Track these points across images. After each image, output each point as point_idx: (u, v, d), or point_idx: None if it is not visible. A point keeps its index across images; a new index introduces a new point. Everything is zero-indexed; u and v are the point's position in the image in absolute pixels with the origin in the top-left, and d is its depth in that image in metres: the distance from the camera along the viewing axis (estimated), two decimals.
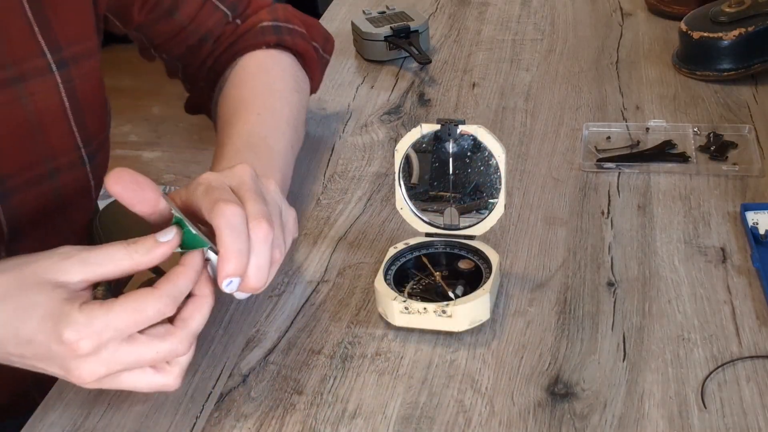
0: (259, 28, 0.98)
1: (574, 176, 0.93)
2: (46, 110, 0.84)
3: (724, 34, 1.07)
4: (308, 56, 1.01)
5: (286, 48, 1.00)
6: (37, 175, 0.85)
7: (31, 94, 0.83)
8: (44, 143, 0.85)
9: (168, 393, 0.70)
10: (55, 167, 0.87)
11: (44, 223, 0.88)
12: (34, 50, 0.83)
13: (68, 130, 0.86)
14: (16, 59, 0.82)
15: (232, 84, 0.95)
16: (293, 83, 0.98)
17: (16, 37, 0.81)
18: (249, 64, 0.97)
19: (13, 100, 0.82)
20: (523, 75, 1.15)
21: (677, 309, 0.75)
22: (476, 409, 0.67)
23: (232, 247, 0.64)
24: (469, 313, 0.73)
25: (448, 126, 0.77)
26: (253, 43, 0.98)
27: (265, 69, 0.97)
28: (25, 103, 0.83)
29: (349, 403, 0.69)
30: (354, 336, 0.75)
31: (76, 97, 0.86)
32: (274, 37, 0.98)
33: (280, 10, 1.01)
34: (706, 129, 0.98)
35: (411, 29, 1.21)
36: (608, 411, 0.66)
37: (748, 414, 0.65)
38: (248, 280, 0.66)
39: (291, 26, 1.00)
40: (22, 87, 0.82)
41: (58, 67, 0.84)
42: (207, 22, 0.97)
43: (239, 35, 0.98)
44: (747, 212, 0.84)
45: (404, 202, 0.80)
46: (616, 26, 1.27)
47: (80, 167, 0.89)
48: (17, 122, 0.83)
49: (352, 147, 1.03)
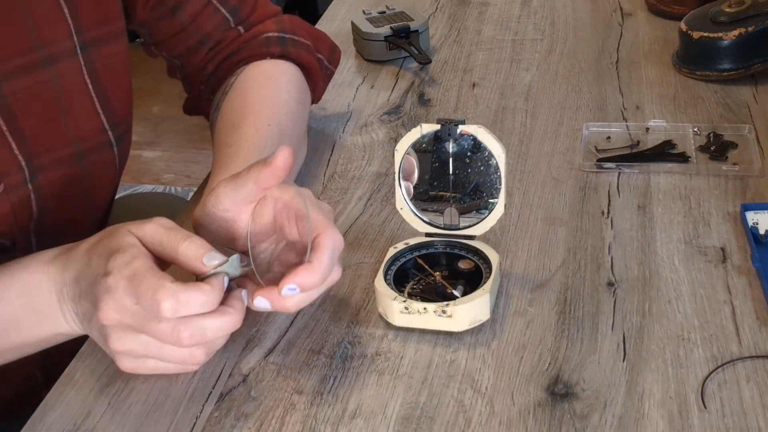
0: (264, 38, 0.98)
1: (574, 176, 0.93)
2: (73, 92, 0.86)
3: (724, 34, 1.07)
4: (312, 69, 1.02)
5: (290, 59, 1.00)
6: (65, 156, 0.87)
7: (61, 76, 0.84)
8: (73, 125, 0.87)
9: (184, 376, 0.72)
10: (83, 149, 0.88)
11: (70, 202, 0.90)
12: (63, 32, 0.84)
13: (94, 112, 0.88)
14: (46, 41, 0.83)
15: (240, 90, 0.95)
16: (297, 95, 0.98)
17: (46, 18, 0.83)
18: (256, 72, 0.97)
19: (45, 81, 0.83)
20: (523, 75, 1.15)
21: (677, 309, 0.75)
22: (476, 409, 0.67)
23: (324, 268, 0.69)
24: (469, 313, 0.73)
25: (448, 126, 0.77)
26: (257, 53, 0.98)
27: (273, 79, 0.97)
28: (55, 84, 0.84)
29: (349, 403, 0.69)
30: (354, 336, 0.75)
31: (99, 80, 0.88)
32: (279, 48, 0.98)
33: (286, 21, 1.01)
34: (706, 129, 0.98)
35: (411, 29, 1.21)
36: (608, 411, 0.66)
37: (748, 414, 0.65)
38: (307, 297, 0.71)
39: (296, 38, 1.00)
40: (53, 69, 0.84)
41: (81, 50, 0.86)
42: (207, 24, 0.97)
43: (243, 43, 0.99)
44: (747, 212, 0.84)
45: (404, 202, 0.80)
46: (616, 26, 1.27)
47: (107, 150, 0.91)
48: (48, 103, 0.84)
49: (352, 147, 1.03)
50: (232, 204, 0.73)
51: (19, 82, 0.81)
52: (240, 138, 0.86)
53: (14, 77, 0.81)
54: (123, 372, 0.72)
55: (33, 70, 0.82)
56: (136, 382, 0.72)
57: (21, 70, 0.82)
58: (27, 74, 0.82)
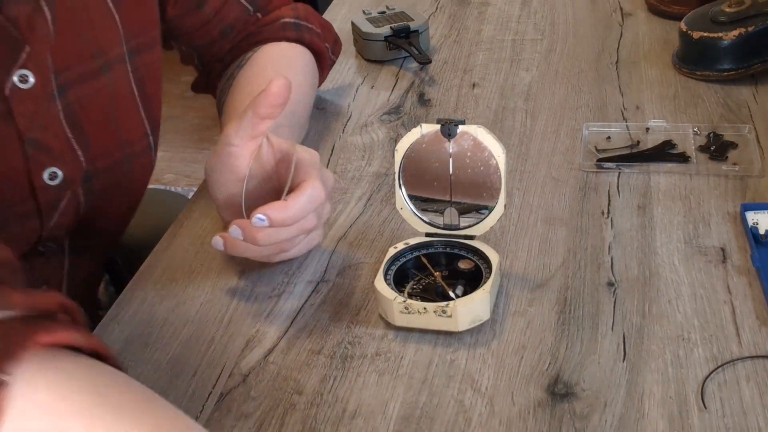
0: (281, 23, 1.03)
1: (574, 176, 0.93)
2: (122, 98, 0.89)
3: (724, 34, 1.07)
4: (322, 55, 1.07)
5: (303, 45, 1.04)
6: (115, 161, 0.89)
7: (114, 83, 0.87)
8: (123, 130, 0.90)
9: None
10: (130, 153, 0.91)
11: (112, 206, 0.93)
12: (116, 39, 0.86)
13: (139, 118, 0.91)
14: (103, 47, 0.85)
15: (258, 65, 0.99)
16: (311, 78, 1.04)
17: (102, 26, 0.85)
18: (274, 51, 1.02)
19: (102, 88, 0.86)
20: (523, 75, 1.15)
21: (677, 309, 0.75)
22: (476, 409, 0.67)
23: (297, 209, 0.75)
24: (469, 313, 0.73)
25: (448, 126, 0.77)
26: (274, 36, 1.03)
27: (289, 59, 1.02)
28: (110, 90, 0.87)
29: (349, 403, 0.69)
30: (354, 336, 0.75)
31: (143, 86, 0.90)
32: (295, 33, 1.03)
33: (301, 8, 1.07)
34: (706, 129, 0.98)
35: (411, 29, 1.21)
36: (608, 411, 0.66)
37: (748, 414, 0.65)
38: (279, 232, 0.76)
39: (309, 25, 1.05)
40: (108, 76, 0.86)
41: (129, 56, 0.88)
42: (229, 16, 1.01)
43: (261, 26, 1.03)
44: (747, 212, 0.84)
45: (404, 202, 0.80)
46: (616, 26, 1.27)
47: (148, 153, 0.94)
48: (104, 110, 0.87)
49: (352, 147, 1.03)
50: (236, 137, 0.78)
51: (82, 89, 0.84)
52: None
53: (78, 84, 0.83)
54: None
55: (94, 77, 0.85)
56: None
57: (84, 77, 0.84)
58: (89, 81, 0.84)
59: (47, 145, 0.82)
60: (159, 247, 0.88)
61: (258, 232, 0.75)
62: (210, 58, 1.04)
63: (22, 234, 0.84)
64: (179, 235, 0.90)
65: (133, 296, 0.82)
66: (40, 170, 0.82)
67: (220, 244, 0.78)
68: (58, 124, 0.82)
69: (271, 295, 0.80)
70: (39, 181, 0.82)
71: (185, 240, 0.89)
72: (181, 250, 0.87)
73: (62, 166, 0.83)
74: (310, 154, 0.80)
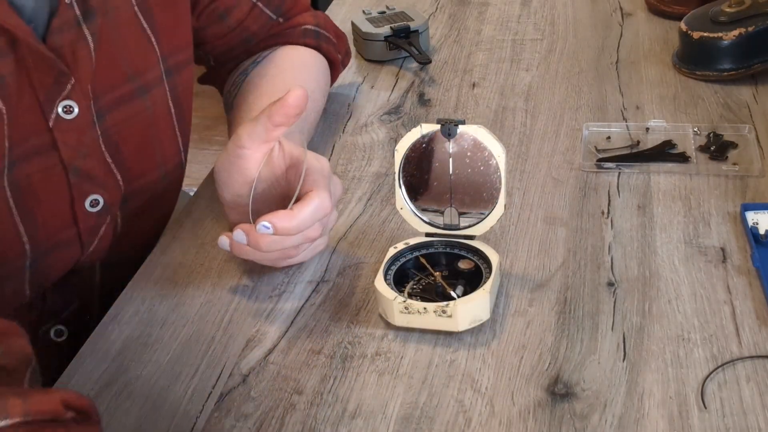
0: (302, 29, 1.04)
1: (574, 176, 0.93)
2: (161, 118, 0.89)
3: (724, 34, 1.07)
4: (335, 65, 1.08)
5: (321, 52, 1.05)
6: (152, 180, 0.90)
7: (153, 105, 0.87)
8: (159, 150, 0.90)
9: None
10: (165, 172, 0.91)
11: (148, 219, 0.93)
12: (152, 60, 0.86)
13: (174, 136, 0.91)
14: (139, 70, 0.85)
15: (274, 65, 0.99)
16: (324, 85, 1.04)
17: (136, 49, 0.85)
18: (292, 54, 1.02)
19: (140, 111, 0.86)
20: (523, 75, 1.15)
21: (677, 309, 0.75)
22: (476, 409, 0.67)
23: (302, 219, 0.75)
24: (469, 313, 0.73)
25: (448, 126, 0.77)
26: (294, 40, 1.03)
27: (307, 66, 1.02)
28: (149, 113, 0.87)
29: (349, 403, 0.69)
30: (354, 336, 0.75)
31: (180, 104, 0.90)
32: (314, 41, 1.04)
33: (321, 17, 1.08)
34: (706, 129, 0.98)
35: (411, 29, 1.21)
36: (608, 411, 0.66)
37: (748, 414, 0.65)
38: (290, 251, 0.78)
39: (327, 34, 1.06)
40: (146, 98, 0.86)
41: (166, 76, 0.88)
42: (253, 26, 1.01)
43: (283, 30, 1.03)
44: (747, 212, 0.84)
45: (404, 202, 0.80)
46: (616, 26, 1.27)
47: (180, 170, 0.94)
48: (142, 131, 0.86)
49: (352, 147, 1.03)
50: (248, 140, 0.77)
51: (119, 113, 0.83)
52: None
53: (115, 109, 0.83)
54: (123, 372, 0.72)
55: (130, 101, 0.84)
56: (136, 383, 0.72)
57: (120, 102, 0.83)
58: (125, 105, 0.84)
59: (89, 172, 0.82)
60: (159, 247, 0.88)
61: (262, 239, 0.75)
62: (226, 59, 1.04)
63: (61, 260, 0.84)
64: (179, 234, 0.90)
65: (133, 296, 0.82)
66: (82, 198, 0.82)
67: (226, 244, 0.78)
68: (97, 150, 0.82)
69: (271, 295, 0.80)
70: (81, 208, 0.82)
71: (185, 240, 0.89)
72: (181, 250, 0.87)
73: (103, 193, 0.83)
74: (320, 163, 0.79)
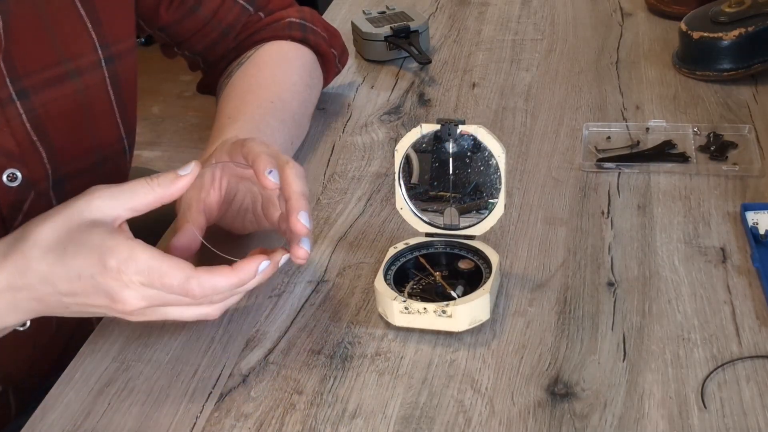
0: (287, 22, 1.04)
1: (574, 176, 0.93)
2: (97, 103, 0.89)
3: (724, 34, 1.07)
4: (327, 57, 1.07)
5: (308, 46, 1.05)
6: (87, 165, 0.90)
7: (86, 88, 0.88)
8: (95, 135, 0.90)
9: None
10: (103, 157, 0.92)
11: None
12: (88, 46, 0.87)
13: (114, 123, 0.92)
14: (72, 54, 0.86)
15: (255, 65, 1.00)
16: (308, 79, 1.03)
17: (71, 34, 0.86)
18: (274, 50, 1.02)
19: (71, 93, 0.86)
20: (523, 75, 1.15)
21: (677, 309, 0.75)
22: (476, 409, 0.67)
23: (302, 188, 0.73)
24: (469, 313, 0.73)
25: (448, 126, 0.77)
26: (279, 34, 1.03)
27: (287, 60, 1.02)
28: (81, 96, 0.87)
29: (349, 403, 0.69)
30: (354, 336, 0.75)
31: (120, 91, 0.91)
32: (300, 33, 1.04)
33: (307, 12, 1.07)
34: (706, 129, 0.98)
35: (411, 29, 1.21)
36: (608, 411, 0.66)
37: (748, 414, 0.65)
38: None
39: (315, 28, 1.06)
40: (78, 81, 0.87)
41: (106, 63, 0.89)
42: (228, 16, 1.02)
43: (266, 25, 1.03)
44: (747, 212, 0.84)
45: (404, 202, 0.80)
46: (616, 26, 1.27)
47: (122, 157, 0.95)
48: (74, 115, 0.87)
49: (352, 147, 1.03)
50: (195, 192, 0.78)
51: (47, 94, 0.84)
52: (240, 111, 0.91)
53: (43, 89, 0.84)
54: (123, 372, 0.72)
55: (60, 83, 0.85)
56: (136, 382, 0.72)
57: (49, 82, 0.84)
58: (55, 86, 0.85)
59: (4, 147, 0.82)
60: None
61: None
62: (214, 59, 1.05)
63: None
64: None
65: None
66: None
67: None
68: (18, 126, 0.83)
69: (271, 295, 0.80)
70: None
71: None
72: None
73: (22, 168, 0.84)
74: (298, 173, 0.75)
